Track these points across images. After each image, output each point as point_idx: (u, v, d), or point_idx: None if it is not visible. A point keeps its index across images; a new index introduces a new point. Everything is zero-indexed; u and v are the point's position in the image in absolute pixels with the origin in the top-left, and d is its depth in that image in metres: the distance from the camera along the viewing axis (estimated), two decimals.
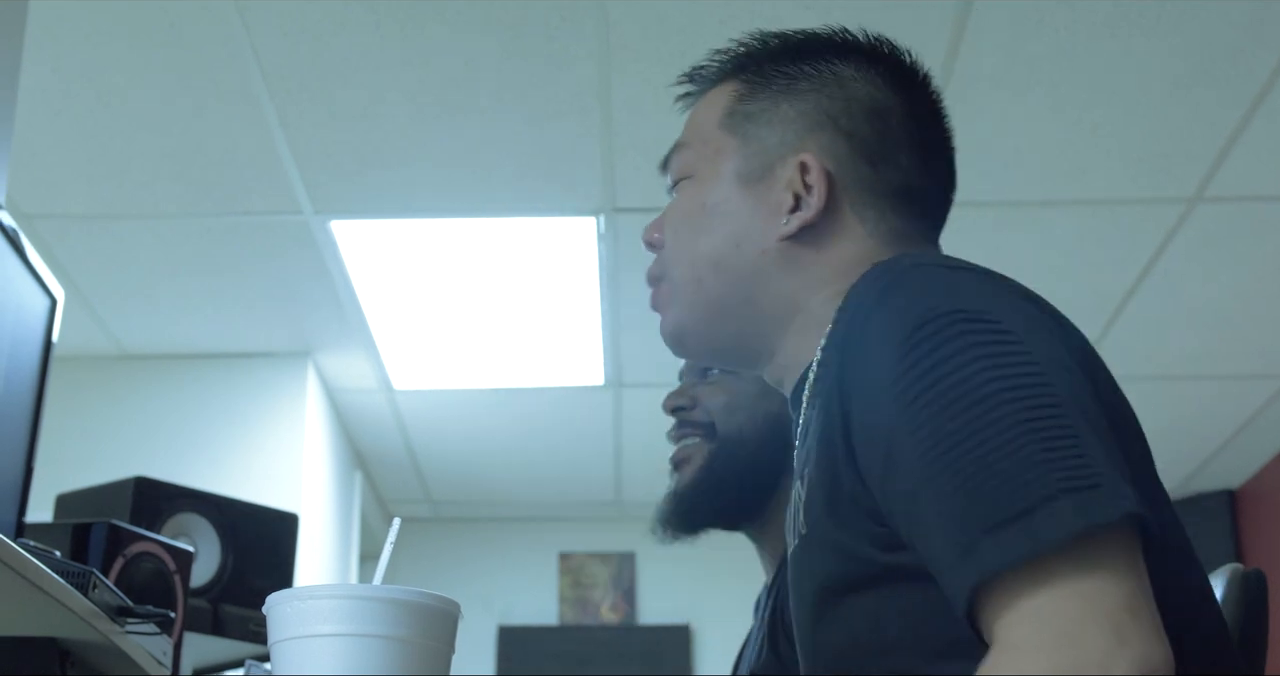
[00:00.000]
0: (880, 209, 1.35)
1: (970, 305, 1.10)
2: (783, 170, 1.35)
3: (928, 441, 1.04)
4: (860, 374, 1.12)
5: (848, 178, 1.35)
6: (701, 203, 1.39)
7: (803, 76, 1.40)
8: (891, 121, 1.37)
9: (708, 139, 1.41)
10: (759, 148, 1.38)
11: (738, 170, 1.38)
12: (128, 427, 4.89)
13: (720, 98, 1.43)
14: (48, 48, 3.31)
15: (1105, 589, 0.98)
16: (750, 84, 1.42)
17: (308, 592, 1.08)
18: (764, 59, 1.45)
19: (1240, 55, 3.40)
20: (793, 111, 1.38)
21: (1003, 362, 1.05)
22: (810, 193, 1.34)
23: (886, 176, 1.36)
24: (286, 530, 2.90)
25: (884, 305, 1.13)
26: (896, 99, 1.39)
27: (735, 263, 1.36)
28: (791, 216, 1.34)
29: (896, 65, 1.43)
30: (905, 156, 1.37)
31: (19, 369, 1.82)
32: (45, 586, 1.51)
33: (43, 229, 4.12)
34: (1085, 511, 0.98)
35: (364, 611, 1.06)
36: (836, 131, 1.36)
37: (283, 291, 4.60)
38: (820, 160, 1.34)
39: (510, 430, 5.74)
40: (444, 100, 3.58)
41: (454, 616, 1.11)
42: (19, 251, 1.81)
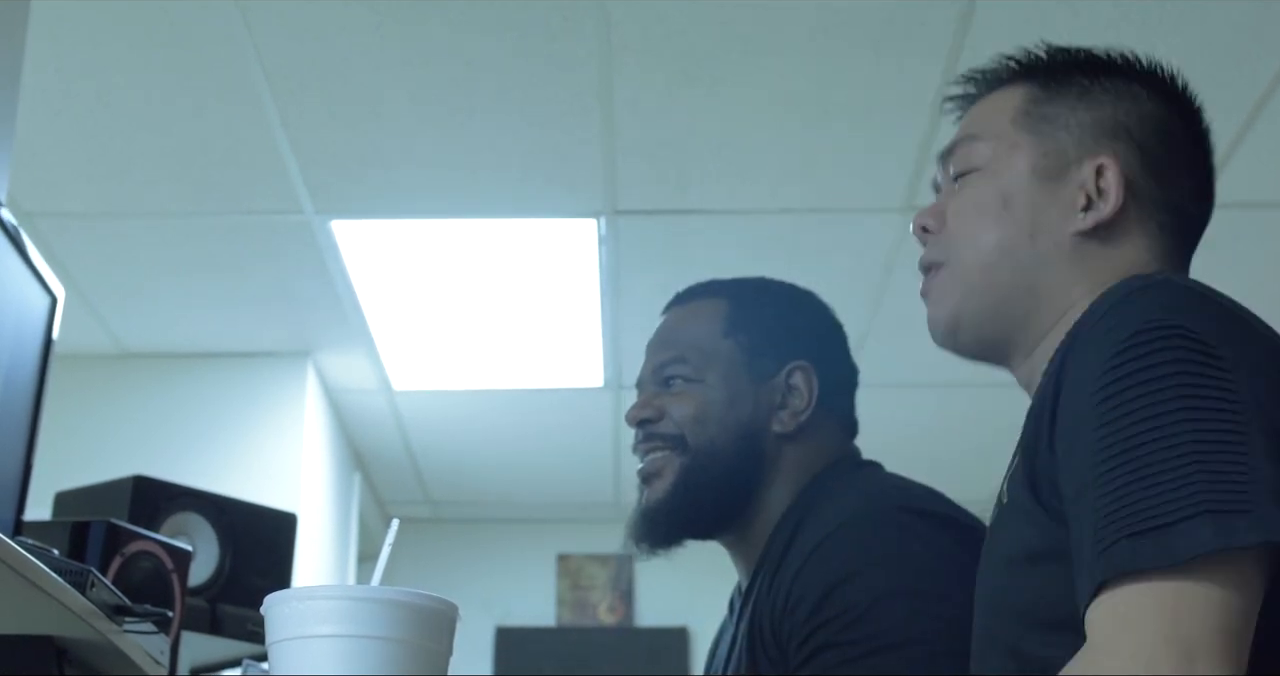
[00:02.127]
0: (1160, 223, 1.41)
1: (1192, 325, 1.15)
2: (1078, 171, 1.41)
3: (1105, 441, 1.12)
4: (1078, 365, 1.19)
5: (1137, 188, 1.40)
6: (996, 192, 1.43)
7: (1098, 88, 1.45)
8: (1177, 143, 1.44)
9: (1001, 134, 1.46)
10: (1055, 147, 1.43)
11: (1034, 166, 1.42)
12: (127, 426, 4.89)
13: (1011, 98, 1.48)
14: (50, 46, 3.31)
15: (1203, 611, 1.04)
16: (1045, 87, 1.47)
17: (306, 593, 1.08)
18: (1059, 66, 1.49)
19: (1241, 62, 3.40)
20: (1089, 118, 1.43)
21: (1199, 384, 1.11)
22: (1104, 195, 1.39)
23: (1169, 194, 1.41)
24: (285, 530, 2.89)
25: (1119, 309, 1.19)
26: (1181, 123, 1.46)
27: (1027, 252, 1.40)
28: (1084, 215, 1.39)
29: (1178, 92, 1.49)
30: (1186, 179, 1.43)
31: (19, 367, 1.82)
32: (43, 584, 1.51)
33: (43, 227, 4.12)
34: (1223, 534, 1.04)
35: (362, 612, 1.06)
36: (1130, 143, 1.42)
37: (283, 291, 4.60)
38: (1118, 164, 1.40)
39: (509, 431, 5.74)
40: (445, 101, 3.58)
41: (452, 618, 1.11)
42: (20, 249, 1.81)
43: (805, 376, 1.89)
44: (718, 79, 3.51)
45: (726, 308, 1.95)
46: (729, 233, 4.19)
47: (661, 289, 2.11)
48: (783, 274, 2.04)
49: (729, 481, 1.86)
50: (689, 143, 3.78)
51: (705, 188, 3.98)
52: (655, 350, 1.97)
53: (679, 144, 3.79)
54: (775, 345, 1.91)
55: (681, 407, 1.89)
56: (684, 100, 3.59)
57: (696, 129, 3.72)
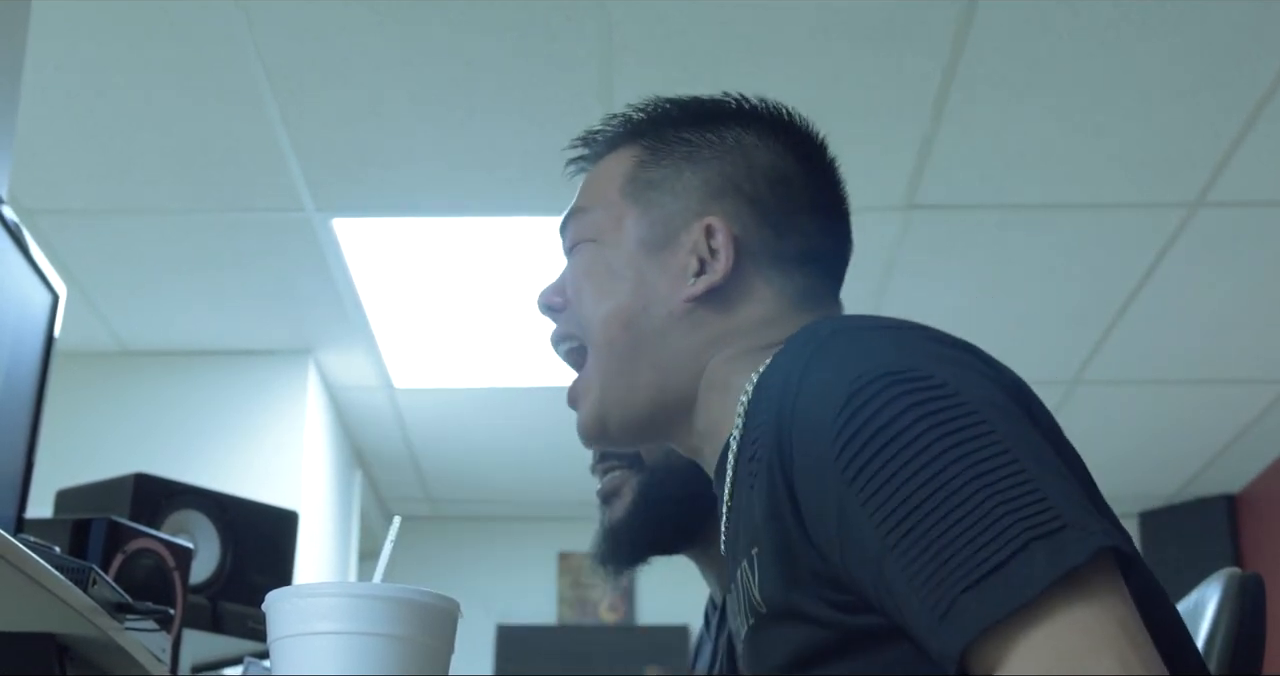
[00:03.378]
0: (785, 271, 1.36)
1: (897, 365, 1.09)
2: (687, 235, 1.36)
3: (882, 511, 1.03)
4: (800, 450, 1.11)
5: (752, 242, 1.36)
6: (606, 265, 1.39)
7: (705, 143, 1.40)
8: (794, 187, 1.39)
9: (609, 204, 1.42)
10: (662, 215, 1.38)
11: (641, 237, 1.38)
12: (128, 424, 4.89)
13: (619, 164, 1.44)
14: (52, 44, 3.31)
15: (1098, 621, 0.97)
16: (651, 150, 1.42)
17: (307, 590, 1.08)
18: (665, 125, 1.43)
19: (1243, 60, 3.40)
20: (696, 178, 1.38)
21: (942, 418, 1.05)
22: (715, 256, 1.35)
23: (789, 240, 1.37)
24: (286, 528, 2.90)
25: (812, 377, 1.13)
26: (798, 166, 1.40)
27: (643, 323, 1.36)
28: (698, 279, 1.35)
29: (795, 132, 1.44)
30: (807, 220, 1.38)
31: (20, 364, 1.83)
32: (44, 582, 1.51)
33: (45, 224, 4.12)
34: (1057, 556, 0.97)
35: (363, 609, 1.06)
36: (740, 197, 1.37)
37: (284, 289, 4.60)
38: (726, 224, 1.35)
39: (511, 429, 5.74)
40: (446, 99, 3.59)
41: (454, 615, 1.11)
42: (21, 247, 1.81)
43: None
44: (717, 78, 3.49)
45: None
46: None
47: None
48: None
49: (688, 495, 1.83)
50: None
51: None
52: None
53: None
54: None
55: None
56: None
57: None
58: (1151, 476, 6.00)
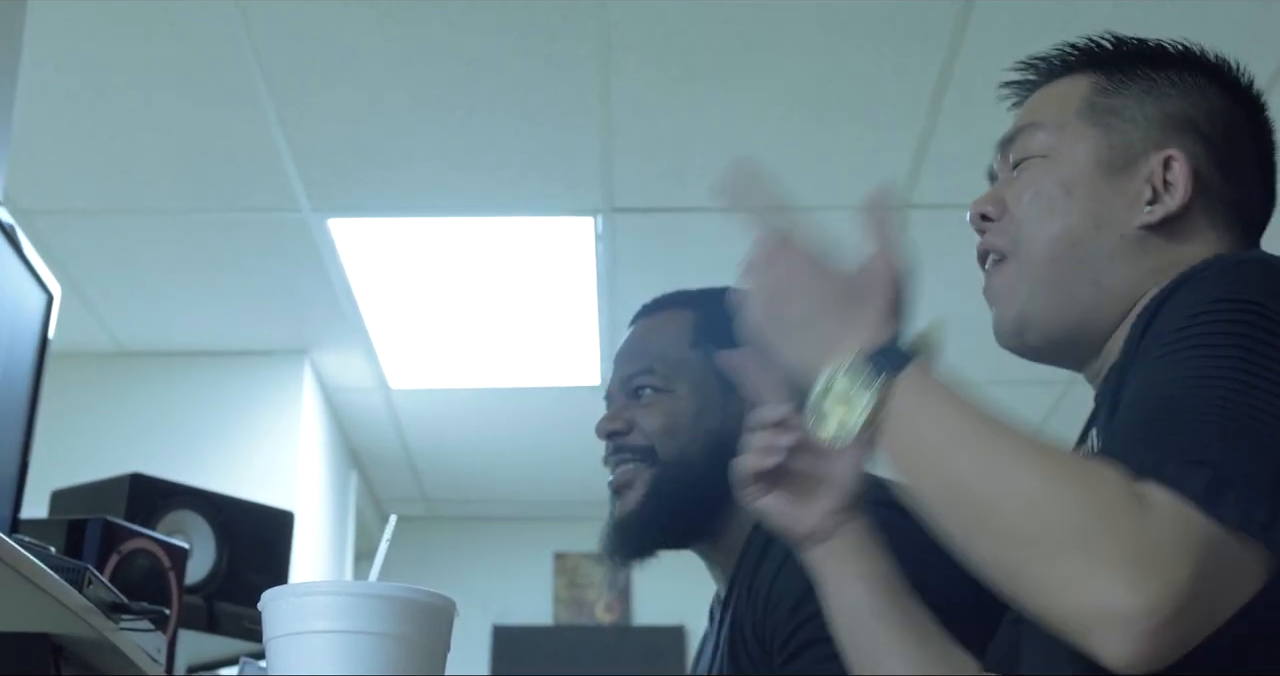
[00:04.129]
0: (1228, 218, 1.39)
1: (1261, 298, 1.13)
2: (1144, 164, 1.38)
3: (1150, 382, 1.11)
4: (1149, 332, 1.17)
5: (1204, 182, 1.38)
6: (1060, 182, 1.40)
7: (1166, 81, 1.44)
8: (1244, 138, 1.42)
9: (1065, 124, 1.43)
10: (1122, 140, 1.40)
11: (1099, 158, 1.40)
12: (124, 424, 4.88)
13: (1075, 88, 1.46)
14: (48, 44, 3.31)
15: (1191, 542, 1.00)
16: (1112, 79, 1.45)
17: (304, 589, 1.08)
18: (1123, 57, 1.48)
19: (1239, 60, 3.40)
20: (1158, 110, 1.41)
21: (1252, 358, 1.09)
22: (1170, 189, 1.36)
23: (1234, 190, 1.39)
24: (282, 528, 2.89)
25: (1192, 283, 1.17)
26: (1245, 117, 1.44)
27: (1092, 243, 1.37)
28: (1151, 207, 1.36)
29: (1244, 89, 1.46)
30: (1251, 172, 1.42)
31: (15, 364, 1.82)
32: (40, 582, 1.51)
33: (40, 224, 4.12)
34: (1211, 493, 1.01)
35: (360, 608, 1.06)
36: (1198, 137, 1.39)
37: (280, 289, 4.59)
38: (1186, 158, 1.37)
39: (506, 429, 5.74)
40: (443, 99, 3.58)
41: (450, 614, 1.11)
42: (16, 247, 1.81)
43: None
44: (715, 77, 3.51)
45: (693, 318, 1.95)
46: (726, 230, 4.18)
47: (658, 287, 2.11)
48: None
49: (700, 491, 1.85)
50: (686, 141, 3.78)
51: (702, 185, 3.98)
52: (623, 361, 1.97)
53: (677, 142, 3.79)
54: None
55: (651, 419, 1.89)
56: (682, 98, 3.59)
57: (694, 127, 3.72)
58: None
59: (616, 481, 1.91)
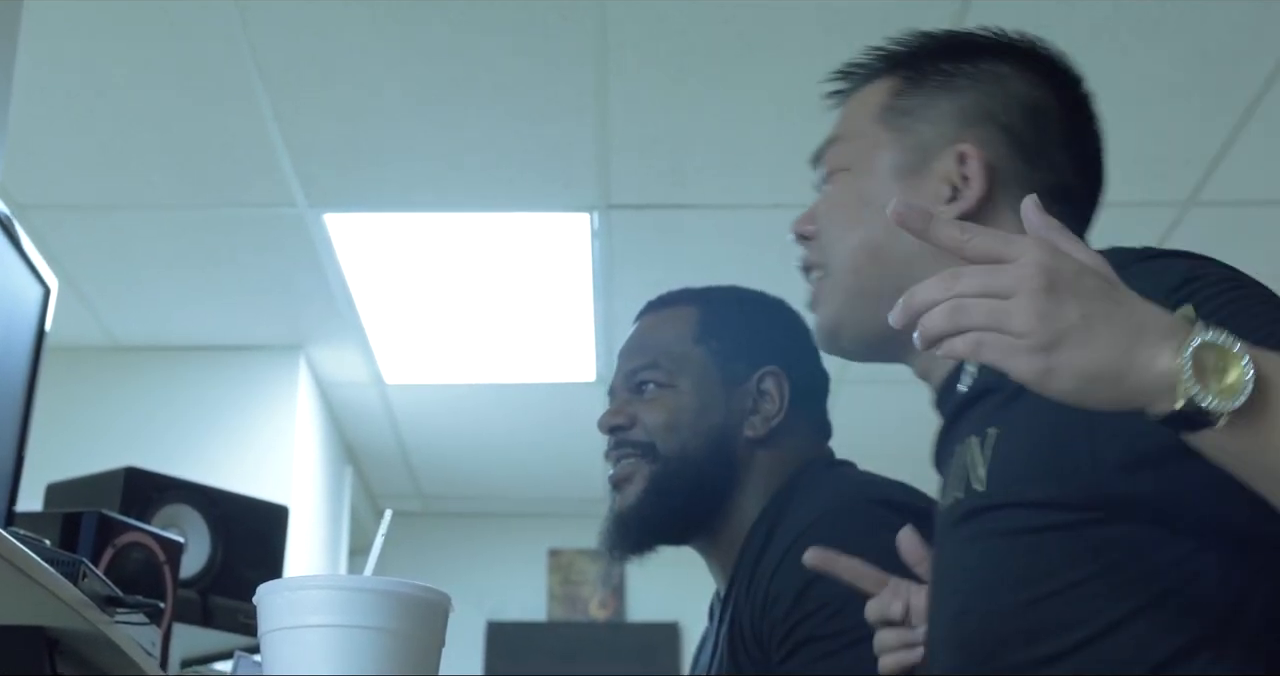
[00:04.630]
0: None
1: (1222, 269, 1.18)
2: (939, 162, 1.38)
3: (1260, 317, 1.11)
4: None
5: (1005, 172, 1.37)
6: (858, 194, 1.41)
7: (961, 73, 1.43)
8: (1049, 120, 1.41)
9: (864, 132, 1.44)
10: (916, 141, 1.40)
11: (894, 163, 1.41)
12: (119, 418, 4.88)
13: (876, 93, 1.47)
14: (45, 40, 3.30)
15: None
16: (908, 80, 1.45)
17: (298, 583, 1.09)
18: (921, 56, 1.48)
19: (1236, 60, 3.40)
20: (951, 106, 1.41)
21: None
22: (968, 183, 1.36)
23: (1042, 174, 1.39)
24: (277, 522, 2.89)
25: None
26: (1053, 98, 1.43)
27: (892, 251, 1.37)
28: (950, 206, 1.36)
29: (1052, 65, 1.46)
30: (1060, 155, 1.41)
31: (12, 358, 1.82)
32: (35, 575, 1.51)
33: (37, 219, 4.11)
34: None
35: (355, 603, 1.06)
36: (995, 126, 1.39)
37: (275, 284, 4.59)
38: (979, 152, 1.37)
39: (501, 425, 5.74)
40: (440, 96, 3.58)
41: (444, 608, 1.11)
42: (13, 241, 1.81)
43: (776, 381, 1.90)
44: (712, 75, 3.51)
45: (697, 314, 1.96)
46: (722, 228, 4.19)
47: (654, 284, 2.11)
48: (776, 269, 2.05)
49: (700, 487, 1.86)
50: (683, 138, 3.78)
51: (699, 183, 3.98)
52: (627, 356, 1.98)
53: (673, 139, 3.79)
54: (746, 351, 1.92)
55: (653, 414, 1.90)
56: (678, 96, 3.59)
57: (690, 124, 3.72)
58: None
59: (617, 476, 1.92)
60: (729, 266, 1.96)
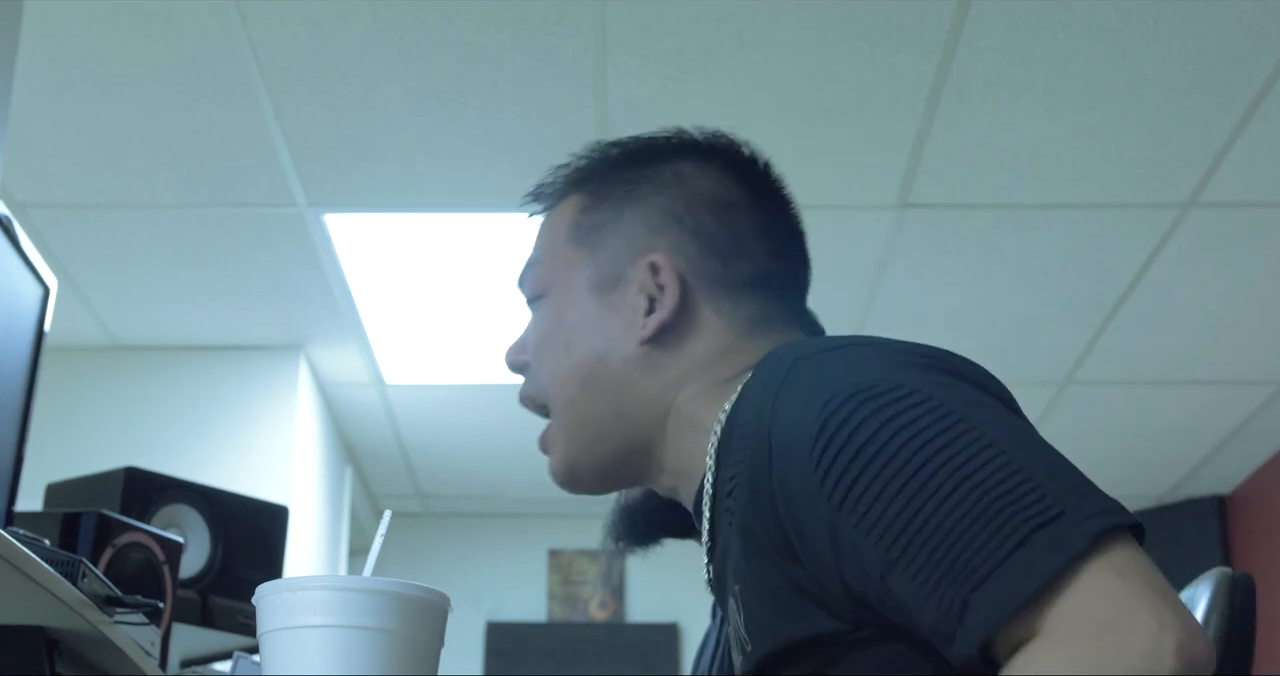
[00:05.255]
0: (735, 300, 1.35)
1: (862, 382, 1.09)
2: (633, 274, 1.35)
3: (877, 531, 1.03)
4: (782, 486, 1.10)
5: (699, 273, 1.34)
6: (559, 320, 1.39)
7: (643, 180, 1.39)
8: (737, 212, 1.38)
9: (557, 254, 1.41)
10: (608, 256, 1.37)
11: (589, 281, 1.37)
12: (119, 418, 4.88)
13: (566, 212, 1.43)
14: (44, 38, 3.30)
15: (1124, 583, 0.97)
16: (593, 194, 1.41)
17: (298, 583, 1.08)
18: (604, 168, 1.43)
19: (1237, 61, 3.40)
20: (636, 215, 1.37)
21: (918, 426, 1.04)
22: (663, 292, 1.33)
23: (737, 267, 1.36)
24: (276, 522, 2.89)
25: (781, 412, 1.12)
26: (739, 190, 1.39)
27: (601, 376, 1.35)
28: (648, 319, 1.33)
29: (733, 156, 1.43)
30: (755, 245, 1.37)
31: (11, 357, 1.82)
32: (34, 575, 1.51)
33: (36, 218, 4.11)
34: (1060, 543, 0.97)
35: (354, 603, 1.06)
36: (682, 229, 1.36)
37: (276, 284, 4.59)
38: (670, 259, 1.34)
39: (502, 426, 5.73)
40: (440, 95, 3.58)
41: (444, 609, 1.11)
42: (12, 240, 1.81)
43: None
44: (711, 75, 3.51)
45: None
46: None
47: None
48: None
49: None
50: None
51: None
52: None
53: None
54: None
55: None
56: (678, 96, 3.59)
57: (690, 124, 3.71)
58: (1143, 476, 6.00)
59: None
60: None
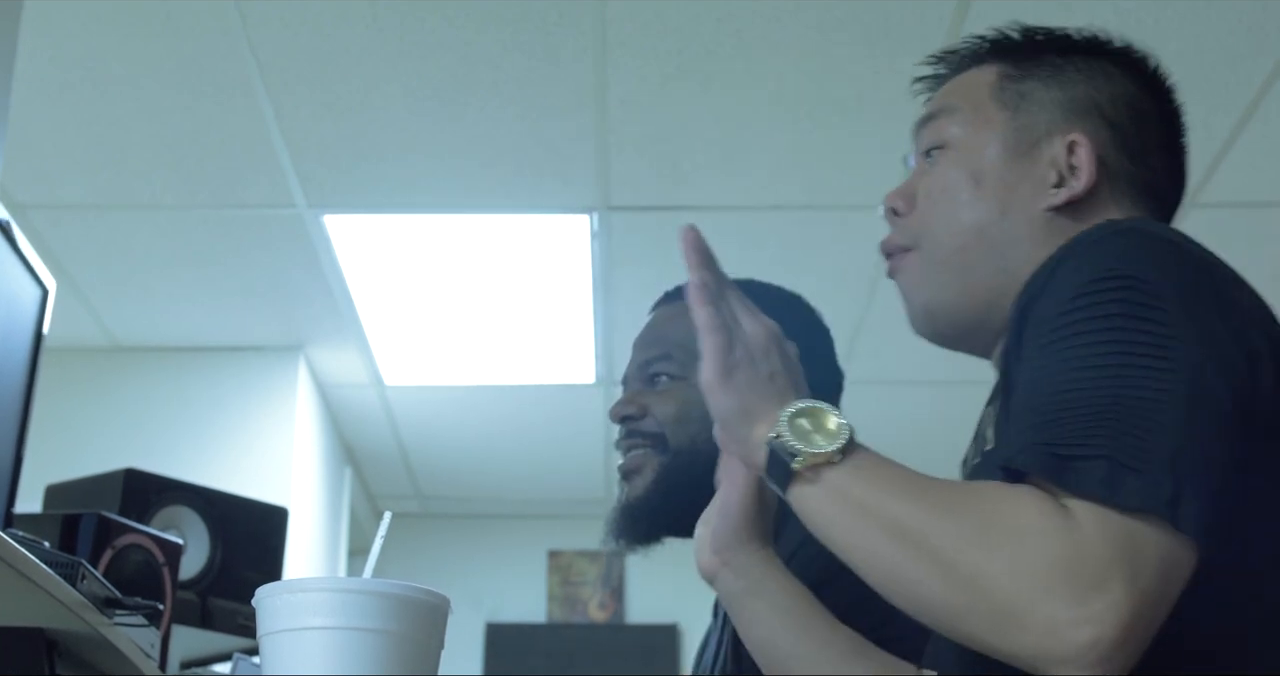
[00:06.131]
0: (1133, 199, 1.40)
1: (1148, 276, 1.14)
2: (1049, 147, 1.39)
3: (1038, 374, 1.13)
4: (1035, 312, 1.18)
5: (1111, 165, 1.39)
6: (967, 171, 1.42)
7: (1070, 66, 1.46)
8: (1150, 122, 1.44)
9: (976, 108, 1.45)
10: (1028, 122, 1.42)
11: (1005, 142, 1.41)
12: (118, 419, 4.88)
13: (984, 75, 1.48)
14: (44, 38, 3.30)
15: (1124, 563, 1.01)
16: (1019, 65, 1.47)
17: (298, 585, 1.08)
18: (1029, 45, 1.49)
19: (1236, 61, 3.40)
20: (1063, 95, 1.43)
21: (1137, 339, 1.10)
22: (1075, 172, 1.38)
23: (1141, 172, 1.41)
24: (276, 524, 2.89)
25: (1090, 251, 1.18)
26: (1154, 103, 1.46)
27: (1000, 230, 1.38)
28: (1056, 191, 1.38)
29: (1150, 72, 1.49)
30: (1157, 157, 1.43)
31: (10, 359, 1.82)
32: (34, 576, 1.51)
33: (37, 219, 4.11)
34: (1112, 484, 1.02)
35: (354, 604, 1.06)
36: (1103, 120, 1.41)
37: (275, 285, 4.59)
38: (1089, 142, 1.39)
39: (501, 427, 5.74)
40: (440, 96, 3.58)
41: (444, 610, 1.11)
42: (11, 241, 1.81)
43: None
44: (712, 75, 3.51)
45: None
46: (722, 228, 4.19)
47: (654, 285, 2.11)
48: (776, 270, 2.04)
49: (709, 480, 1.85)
50: (683, 138, 3.78)
51: (699, 183, 3.98)
52: (642, 347, 1.98)
53: (673, 140, 3.79)
54: None
55: (664, 406, 1.90)
56: (678, 96, 3.59)
57: (690, 125, 3.72)
58: None
59: (626, 466, 1.92)
60: (729, 267, 1.95)
